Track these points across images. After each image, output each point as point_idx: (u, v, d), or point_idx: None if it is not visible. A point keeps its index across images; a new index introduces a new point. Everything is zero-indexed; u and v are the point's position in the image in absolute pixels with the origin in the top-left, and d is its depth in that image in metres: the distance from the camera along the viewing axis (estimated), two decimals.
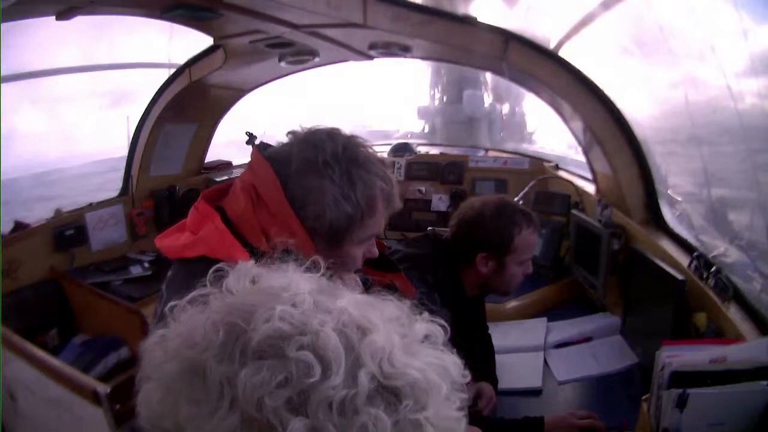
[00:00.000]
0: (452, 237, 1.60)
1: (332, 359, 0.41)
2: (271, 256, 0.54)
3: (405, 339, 0.46)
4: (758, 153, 1.37)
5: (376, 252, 1.05)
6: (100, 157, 3.08)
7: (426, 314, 0.49)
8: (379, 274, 1.13)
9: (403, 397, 0.42)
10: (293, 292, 0.46)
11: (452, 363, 0.47)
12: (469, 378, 0.47)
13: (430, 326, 0.48)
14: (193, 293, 0.49)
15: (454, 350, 0.48)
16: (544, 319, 2.08)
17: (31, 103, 2.65)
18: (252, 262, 0.51)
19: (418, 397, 0.43)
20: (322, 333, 0.42)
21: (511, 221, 1.54)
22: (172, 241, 0.94)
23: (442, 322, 0.49)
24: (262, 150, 0.99)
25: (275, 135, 1.05)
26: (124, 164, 2.92)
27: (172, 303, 0.49)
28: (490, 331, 1.78)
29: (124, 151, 2.91)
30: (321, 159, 0.93)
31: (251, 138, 1.08)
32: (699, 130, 1.62)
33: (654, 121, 2.00)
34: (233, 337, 0.42)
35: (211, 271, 0.50)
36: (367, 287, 0.51)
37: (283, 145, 0.98)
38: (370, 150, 0.99)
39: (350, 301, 0.47)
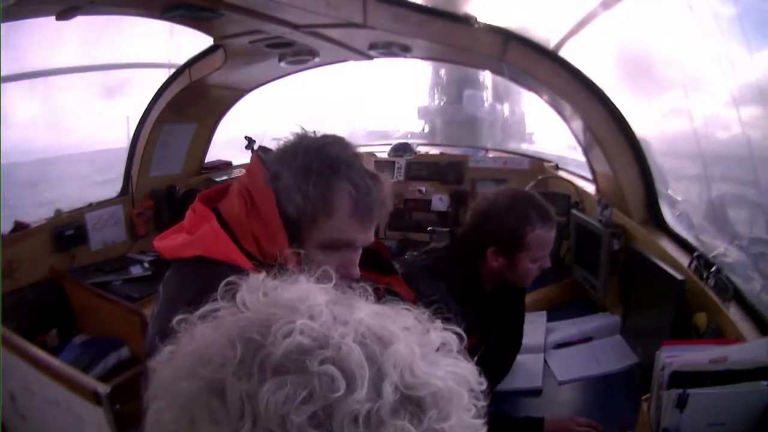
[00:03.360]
0: (467, 228, 1.55)
1: (356, 372, 0.39)
2: (263, 260, 0.53)
3: (423, 348, 0.44)
4: None
5: (355, 273, 0.95)
6: (94, 148, 3.04)
7: (439, 323, 0.48)
8: (375, 277, 1.12)
9: (427, 407, 0.41)
10: (310, 304, 0.44)
11: (469, 371, 0.46)
12: (485, 385, 0.46)
13: (444, 334, 0.47)
14: (205, 308, 0.48)
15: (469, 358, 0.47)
16: (544, 312, 2.08)
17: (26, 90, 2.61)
18: (263, 274, 0.50)
19: (441, 406, 0.42)
20: (344, 346, 0.41)
21: (523, 217, 1.46)
22: (170, 242, 0.95)
23: (457, 329, 0.48)
24: (261, 155, 0.98)
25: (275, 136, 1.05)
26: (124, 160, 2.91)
27: (180, 316, 0.48)
28: None
29: (121, 144, 2.89)
30: (292, 149, 0.93)
31: (250, 142, 1.08)
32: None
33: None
34: (251, 352, 0.41)
35: (222, 284, 0.48)
36: (378, 298, 0.50)
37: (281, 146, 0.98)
38: (357, 158, 0.95)
39: (367, 311, 0.45)
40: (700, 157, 1.65)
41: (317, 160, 0.91)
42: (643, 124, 2.00)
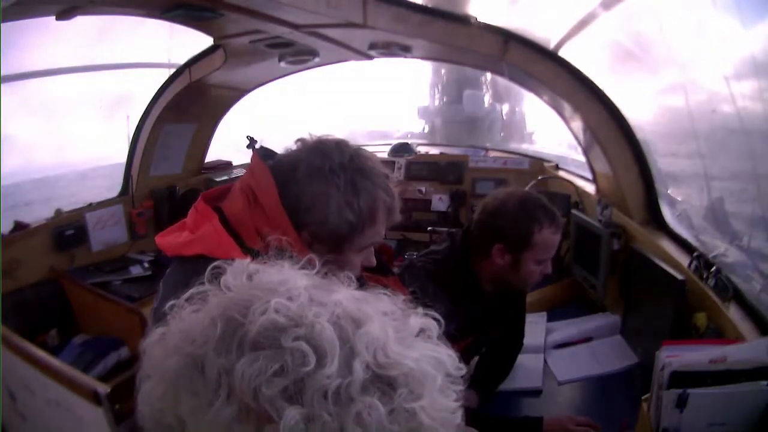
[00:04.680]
0: (473, 225, 1.57)
1: (327, 349, 0.41)
2: (266, 254, 0.55)
3: (400, 332, 0.46)
4: None
5: (373, 261, 1.06)
6: (95, 165, 3.06)
7: (420, 309, 0.50)
8: (372, 277, 1.13)
9: (398, 386, 0.43)
10: (289, 286, 0.46)
11: (447, 356, 0.47)
12: (464, 371, 0.48)
13: (424, 320, 0.49)
14: (191, 291, 0.50)
15: (449, 344, 0.49)
16: (544, 313, 2.08)
17: (27, 108, 2.63)
18: (248, 259, 0.52)
19: (413, 386, 0.43)
20: (317, 324, 0.43)
21: (532, 217, 1.48)
22: (172, 239, 0.96)
23: (437, 315, 0.50)
24: (262, 154, 1.01)
25: (277, 137, 1.06)
26: (123, 169, 2.92)
27: (171, 302, 0.50)
28: None
29: (121, 159, 2.91)
30: (327, 166, 0.95)
31: (251, 142, 1.09)
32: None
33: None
34: (231, 330, 0.43)
35: (209, 269, 0.51)
36: (361, 285, 0.52)
37: (292, 152, 1.00)
38: (376, 162, 1.01)
39: (345, 295, 0.48)
40: (695, 136, 1.64)
41: (359, 177, 0.96)
42: (637, 108, 1.99)
